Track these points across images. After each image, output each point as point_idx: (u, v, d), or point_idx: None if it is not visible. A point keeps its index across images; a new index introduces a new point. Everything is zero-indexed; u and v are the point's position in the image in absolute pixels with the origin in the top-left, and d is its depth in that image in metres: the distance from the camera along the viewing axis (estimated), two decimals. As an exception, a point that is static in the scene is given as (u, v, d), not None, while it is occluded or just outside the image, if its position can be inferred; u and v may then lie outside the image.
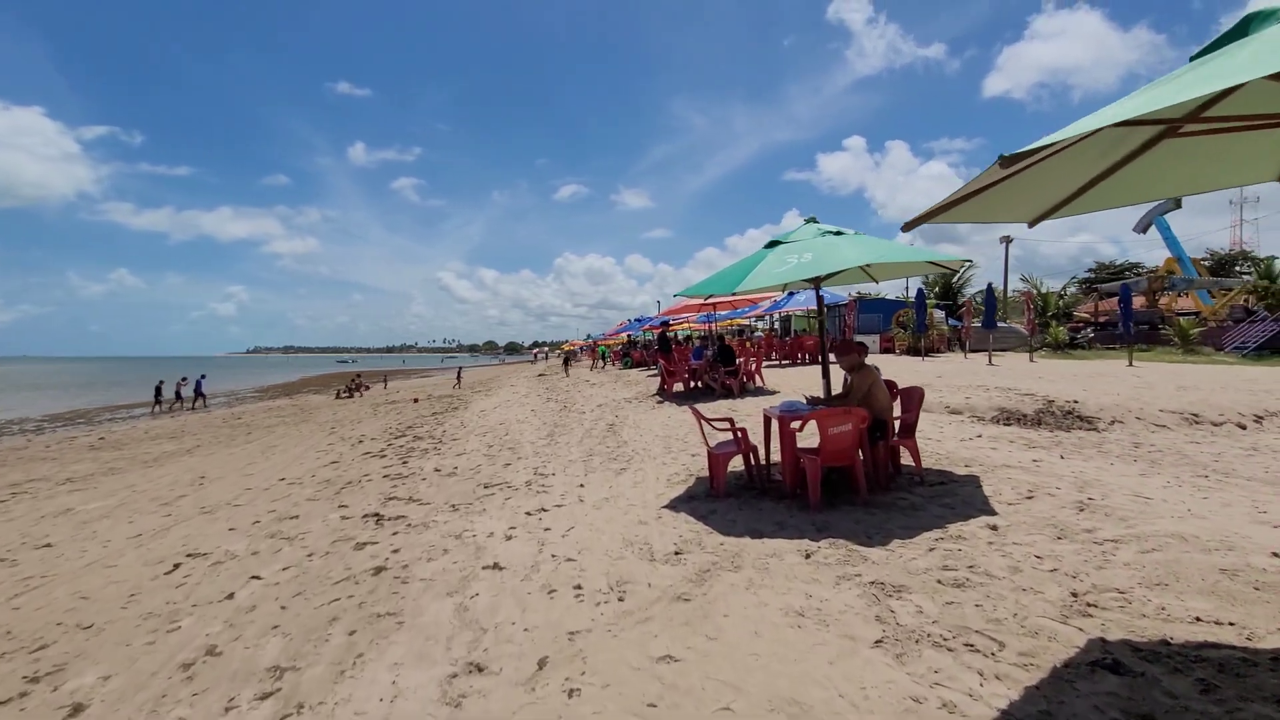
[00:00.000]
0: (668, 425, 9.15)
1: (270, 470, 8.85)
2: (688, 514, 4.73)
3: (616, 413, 11.13)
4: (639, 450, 7.56)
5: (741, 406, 10.22)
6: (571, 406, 13.11)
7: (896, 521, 4.14)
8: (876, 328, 27.37)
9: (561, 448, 8.31)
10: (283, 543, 5.02)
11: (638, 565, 3.78)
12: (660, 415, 10.25)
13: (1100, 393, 9.41)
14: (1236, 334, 21.99)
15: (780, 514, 4.50)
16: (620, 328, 38.42)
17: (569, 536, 4.49)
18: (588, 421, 10.47)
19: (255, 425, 16.83)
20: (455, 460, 8.11)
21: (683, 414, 10.07)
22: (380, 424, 14.21)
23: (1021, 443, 6.63)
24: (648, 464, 6.75)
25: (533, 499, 5.70)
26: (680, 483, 5.79)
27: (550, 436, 9.35)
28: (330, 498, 6.59)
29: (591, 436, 8.94)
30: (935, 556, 3.48)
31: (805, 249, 4.87)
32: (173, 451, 12.23)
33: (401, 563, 4.25)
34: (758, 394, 11.48)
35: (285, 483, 7.71)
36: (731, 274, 5.16)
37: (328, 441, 11.58)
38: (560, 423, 10.74)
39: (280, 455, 10.34)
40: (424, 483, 6.90)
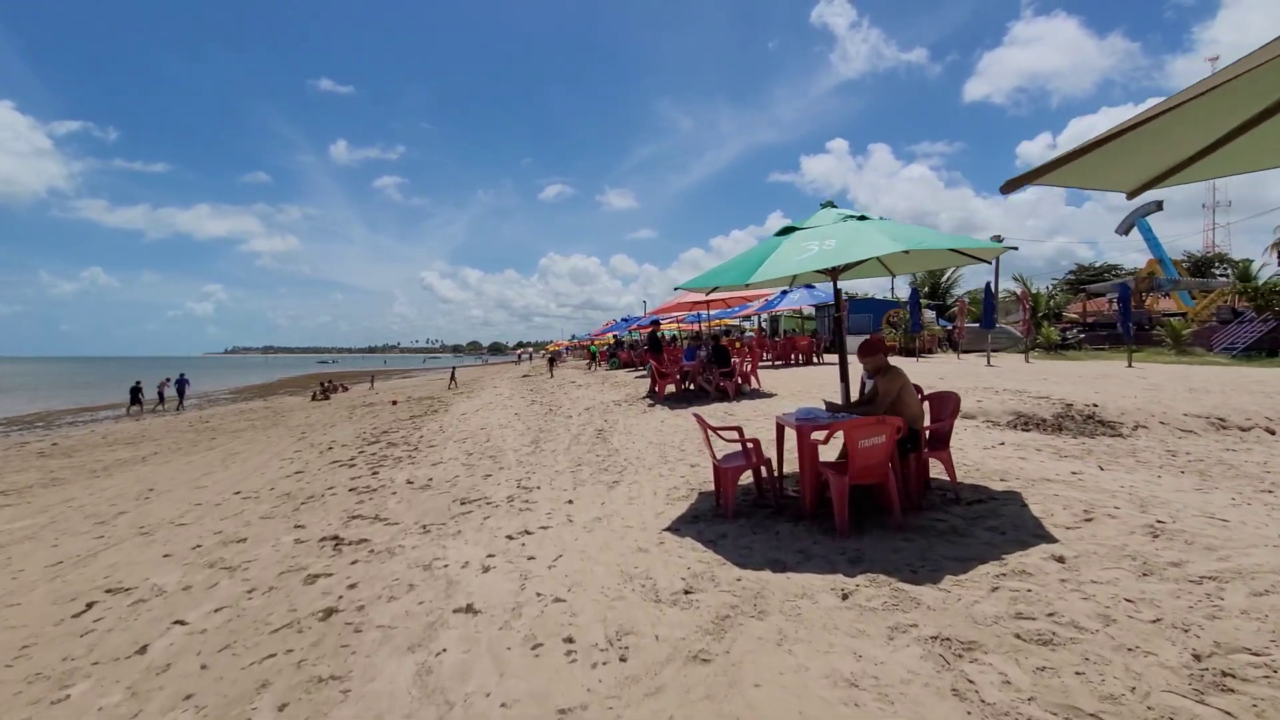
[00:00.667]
0: (661, 431, 8.51)
1: (227, 481, 8.07)
2: (694, 539, 4.10)
3: (605, 417, 10.47)
4: (632, 459, 6.92)
5: (739, 411, 9.62)
6: (557, 410, 12.43)
7: (941, 550, 3.54)
8: (866, 328, 26.97)
9: (547, 456, 7.64)
10: (222, 574, 4.30)
11: (641, 608, 3.14)
12: (652, 420, 9.62)
13: (1114, 395, 8.94)
14: (1225, 335, 21.92)
15: (802, 539, 3.89)
16: (607, 327, 37.76)
17: (557, 567, 3.84)
18: (575, 426, 9.81)
19: (222, 430, 15.92)
20: (430, 470, 7.40)
21: (677, 419, 9.45)
22: (354, 429, 13.41)
23: (1050, 451, 6.10)
24: (643, 476, 6.12)
25: (515, 518, 5.03)
26: (681, 499, 5.16)
27: (535, 443, 8.67)
28: (287, 515, 5.86)
29: (579, 443, 8.29)
30: (1001, 599, 2.88)
31: (827, 235, 4.26)
32: (126, 460, 11.36)
33: (357, 602, 3.56)
34: (754, 397, 10.89)
35: (240, 497, 6.96)
36: (744, 264, 4.54)
37: (295, 449, 10.79)
38: (545, 428, 10.06)
39: (241, 464, 9.55)
40: (393, 497, 6.20)
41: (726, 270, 4.73)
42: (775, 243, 4.59)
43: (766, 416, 8.85)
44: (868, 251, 3.95)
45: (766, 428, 7.94)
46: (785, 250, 4.33)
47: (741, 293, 11.70)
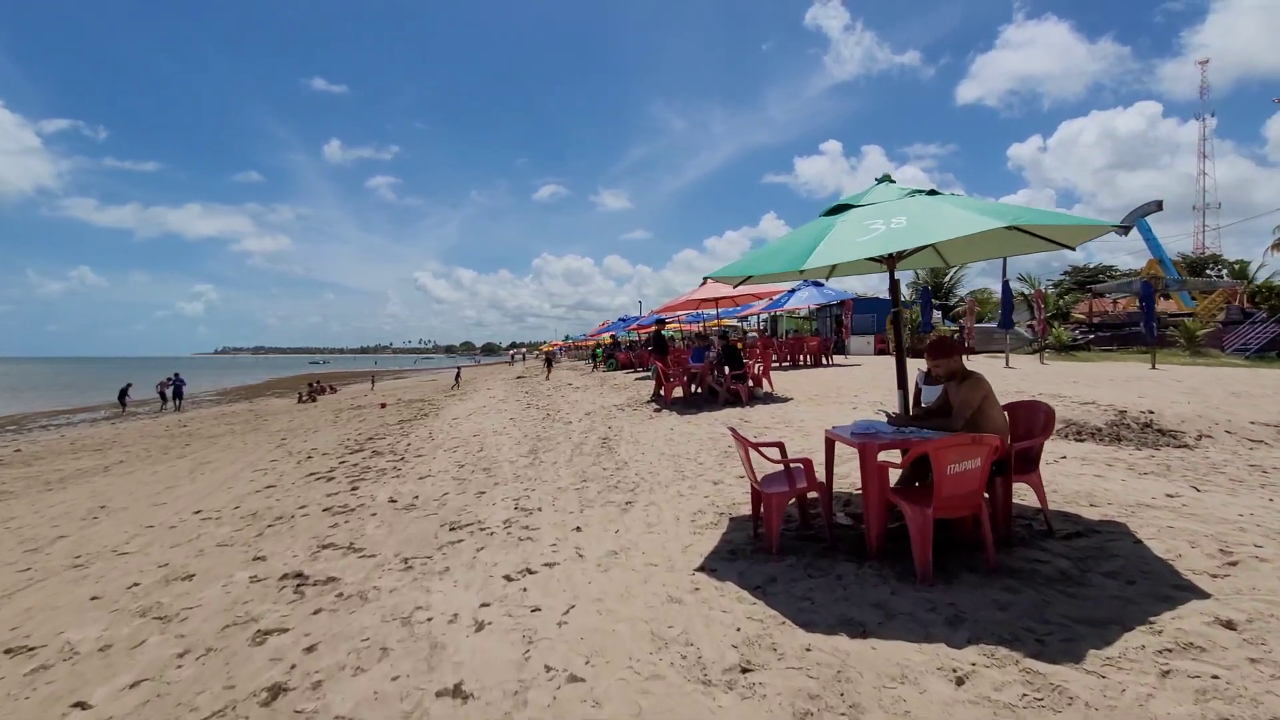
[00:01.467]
0: (673, 440, 7.74)
1: (190, 497, 7.24)
2: (736, 583, 3.33)
3: (609, 423, 9.69)
4: (645, 474, 6.14)
5: (754, 417, 8.86)
6: (555, 415, 11.63)
7: (1061, 606, 2.78)
8: (870, 328, 26.30)
9: (547, 469, 6.85)
10: (154, 627, 3.49)
11: (686, 695, 2.36)
12: (660, 427, 8.84)
13: (1161, 401, 8.24)
14: (1236, 336, 21.41)
15: (873, 586, 3.12)
16: (603, 327, 36.96)
17: (569, 624, 3.05)
18: (576, 434, 9.02)
19: (198, 435, 15.03)
20: (416, 486, 6.60)
21: (688, 426, 8.68)
22: (338, 435, 12.57)
23: (1123, 466, 5.36)
24: (659, 495, 5.34)
25: (514, 550, 4.24)
26: (710, 526, 4.38)
27: (533, 454, 7.88)
28: (248, 543, 5.05)
29: (583, 454, 7.50)
30: (1183, 691, 2.12)
31: (894, 212, 3.50)
32: (88, 469, 10.48)
33: (314, 675, 2.77)
34: (768, 401, 10.13)
35: (199, 517, 6.13)
36: (792, 248, 3.77)
37: (271, 457, 9.95)
38: (544, 435, 9.26)
39: (210, 476, 8.70)
40: (373, 520, 5.40)
41: (770, 256, 3.95)
42: (827, 223, 3.83)
43: (787, 424, 8.10)
44: (954, 230, 3.19)
45: (790, 437, 7.19)
46: (843, 231, 3.57)
47: (755, 289, 10.94)
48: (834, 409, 8.97)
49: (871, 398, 9.65)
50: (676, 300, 11.47)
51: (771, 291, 11.51)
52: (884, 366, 16.43)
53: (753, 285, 7.32)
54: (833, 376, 13.68)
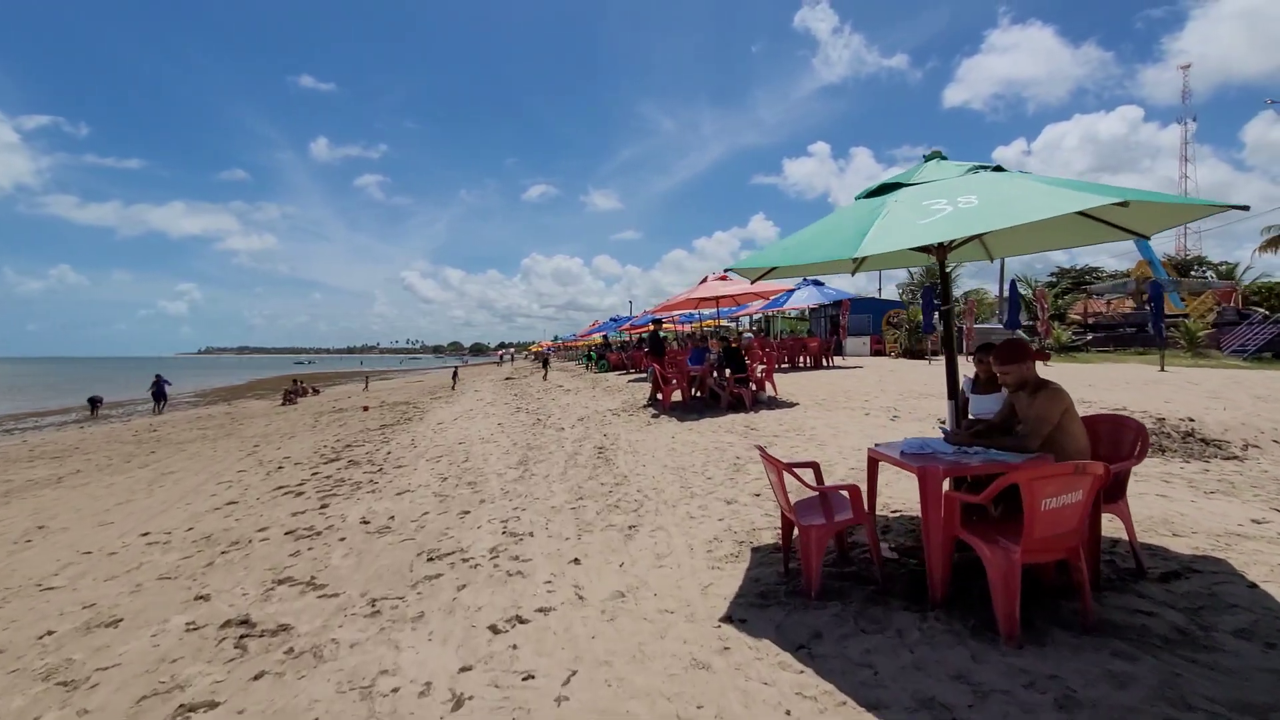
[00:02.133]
0: (675, 451, 7.13)
1: (142, 514, 6.52)
2: (774, 640, 2.72)
3: (604, 430, 9.06)
4: (647, 491, 5.52)
5: (761, 424, 8.27)
6: (547, 420, 10.98)
7: (1197, 682, 2.19)
8: (866, 329, 25.87)
9: (539, 484, 6.21)
10: (55, 697, 2.82)
11: (732, 822, 1.75)
12: (660, 435, 8.22)
13: (1192, 406, 7.76)
14: (1234, 337, 21.22)
15: (946, 646, 2.53)
16: (594, 328, 36.31)
17: (570, 700, 2.43)
18: (569, 442, 8.38)
19: (168, 441, 14.20)
20: (393, 504, 5.94)
21: (690, 434, 8.07)
22: (315, 441, 11.84)
23: (1182, 483, 4.82)
24: (666, 517, 4.72)
25: (501, 590, 3.60)
26: (729, 558, 3.78)
27: (523, 465, 7.23)
28: (193, 576, 4.37)
29: (577, 466, 6.86)
30: None
31: (959, 190, 2.92)
32: (40, 480, 9.68)
33: (240, 779, 2.13)
34: (773, 406, 9.55)
35: (146, 540, 5.44)
36: (836, 234, 3.17)
37: (240, 467, 9.22)
38: (535, 444, 8.62)
39: (170, 488, 7.97)
40: (341, 546, 4.74)
41: (810, 244, 3.33)
42: (873, 205, 3.24)
43: (797, 432, 7.52)
44: (1043, 209, 2.60)
45: (803, 447, 6.61)
46: (898, 213, 2.97)
47: (761, 287, 10.38)
48: (845, 415, 8.41)
49: (883, 402, 9.10)
50: (675, 299, 10.86)
51: (771, 291, 10.94)
52: (889, 369, 15.93)
53: (764, 283, 6.74)
54: (836, 379, 13.15)
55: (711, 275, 10.55)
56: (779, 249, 3.64)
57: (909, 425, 7.51)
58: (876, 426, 7.49)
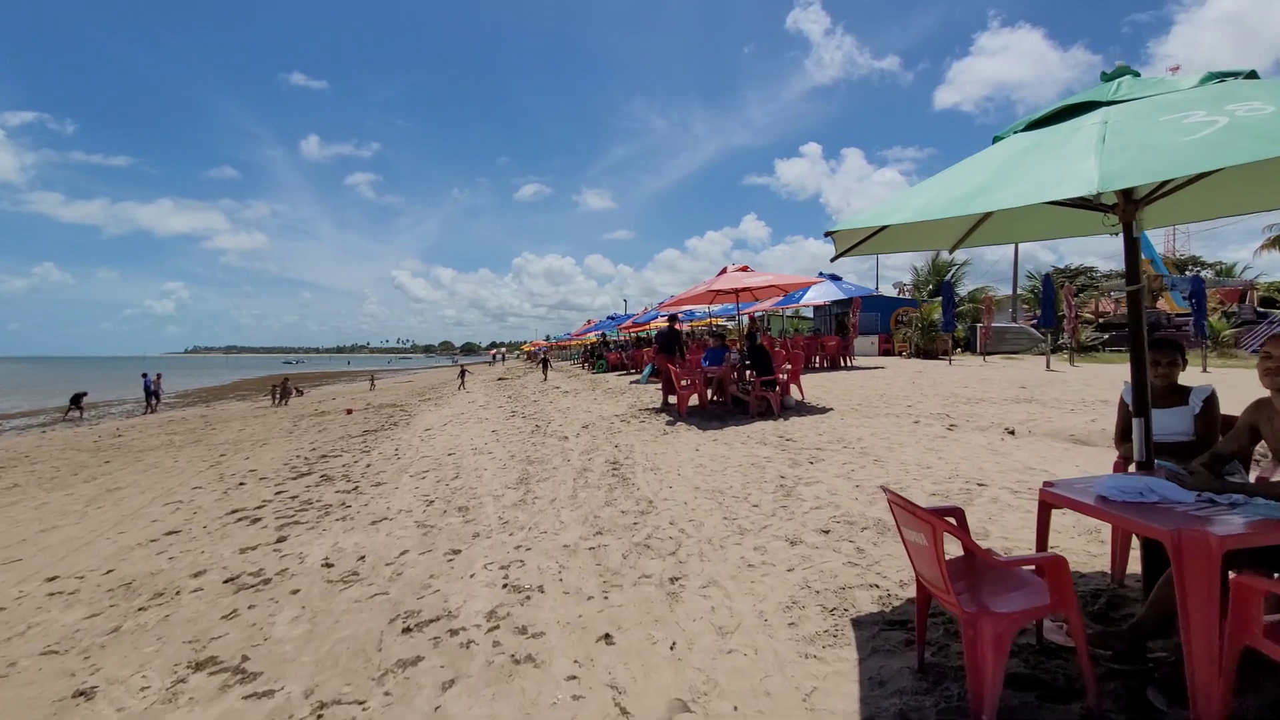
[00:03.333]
0: (703, 467, 6.05)
1: (60, 548, 5.37)
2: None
3: (614, 440, 7.96)
4: (681, 521, 4.44)
5: (796, 433, 7.20)
6: (546, 427, 9.87)
7: None
8: (874, 328, 24.91)
9: (545, 510, 5.11)
10: None
11: None
12: (681, 448, 7.14)
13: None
14: (1254, 336, 20.52)
15: None
16: (588, 326, 35.19)
17: None
18: (576, 455, 7.28)
19: (128, 449, 12.97)
20: (366, 537, 4.82)
21: (715, 445, 6.99)
22: (289, 449, 10.68)
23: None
24: (716, 563, 3.64)
25: (503, 695, 2.50)
26: (824, 636, 2.70)
27: (523, 484, 6.13)
28: (87, 652, 3.25)
29: (589, 486, 5.77)
30: None
31: (1221, 100, 1.86)
32: (-33, 497, 8.47)
33: None
34: (802, 412, 8.49)
35: (49, 589, 4.29)
36: (1015, 173, 2.07)
37: (196, 483, 8.05)
38: (535, 456, 7.50)
39: (107, 511, 6.79)
40: (291, 602, 3.63)
41: (985, 187, 2.20)
42: (1062, 133, 2.17)
43: (843, 443, 6.45)
44: None
45: (860, 465, 5.54)
46: (1135, 132, 1.91)
47: (785, 280, 9.31)
48: (890, 423, 7.36)
49: (929, 408, 8.06)
50: (691, 291, 9.77)
51: (793, 284, 9.87)
52: (914, 369, 14.90)
53: (790, 276, 5.64)
54: (861, 381, 12.11)
55: (731, 266, 9.49)
56: (933, 196, 2.48)
57: (970, 435, 6.48)
58: (935, 438, 6.45)
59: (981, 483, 4.73)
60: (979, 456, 5.56)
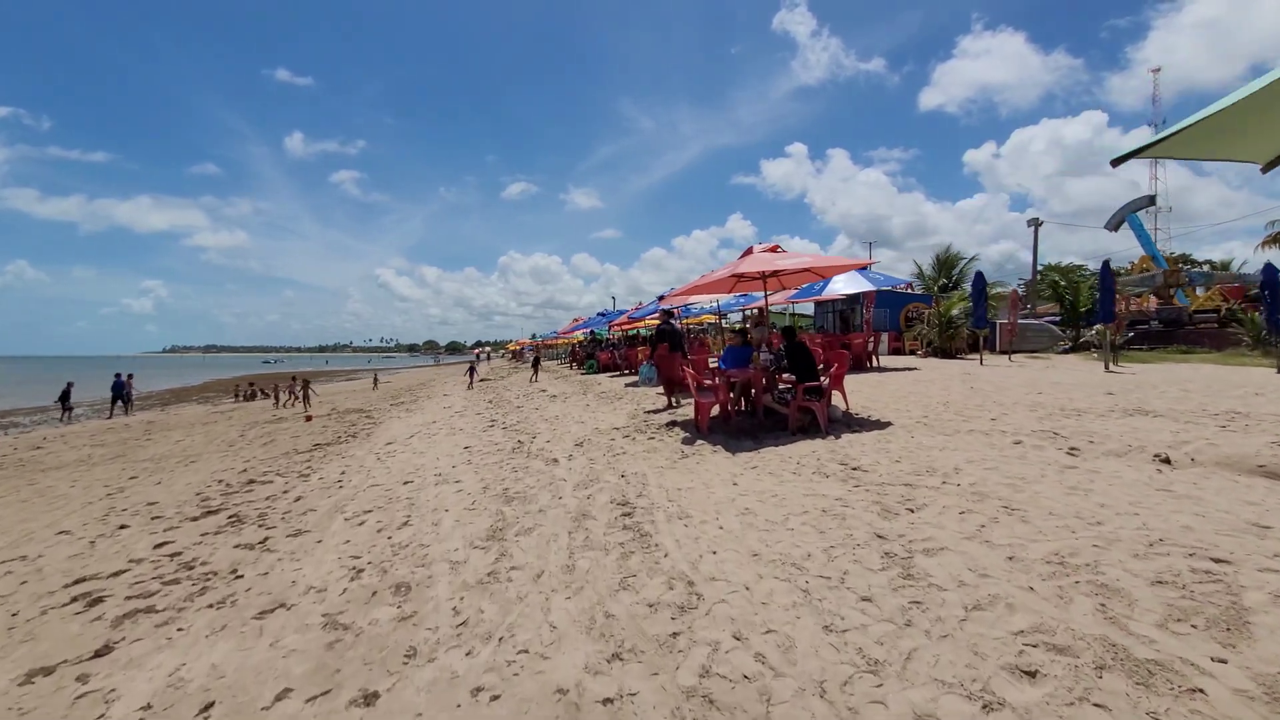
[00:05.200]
0: (751, 515, 4.25)
1: None
2: None
3: (617, 465, 6.14)
4: (756, 638, 2.65)
5: (861, 457, 5.42)
6: (531, 444, 8.03)
7: None
8: (883, 325, 23.27)
9: (527, 595, 3.29)
10: None
11: None
12: (712, 479, 5.34)
13: None
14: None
15: None
16: (576, 324, 33.28)
17: None
18: (569, 490, 5.45)
19: (34, 464, 10.91)
20: (232, 652, 2.98)
21: (758, 477, 5.19)
22: (217, 468, 8.77)
23: None
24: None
25: None
26: None
27: (496, 537, 4.31)
28: None
29: (592, 549, 3.94)
30: None
31: None
32: None
33: None
34: (852, 426, 6.73)
35: None
36: None
37: (70, 523, 6.12)
38: (516, 489, 5.67)
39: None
40: None
41: None
42: None
43: (938, 476, 4.69)
44: None
45: (976, 513, 3.79)
46: None
47: (822, 262, 7.54)
48: (982, 443, 5.62)
49: (1022, 422, 6.32)
50: (709, 277, 7.94)
51: (834, 267, 7.97)
52: (956, 371, 13.17)
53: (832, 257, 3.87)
54: (901, 384, 10.37)
55: (758, 245, 7.71)
56: None
57: (1107, 463, 4.75)
58: (1062, 468, 4.70)
59: (1219, 559, 2.99)
60: (1155, 503, 3.83)
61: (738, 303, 19.30)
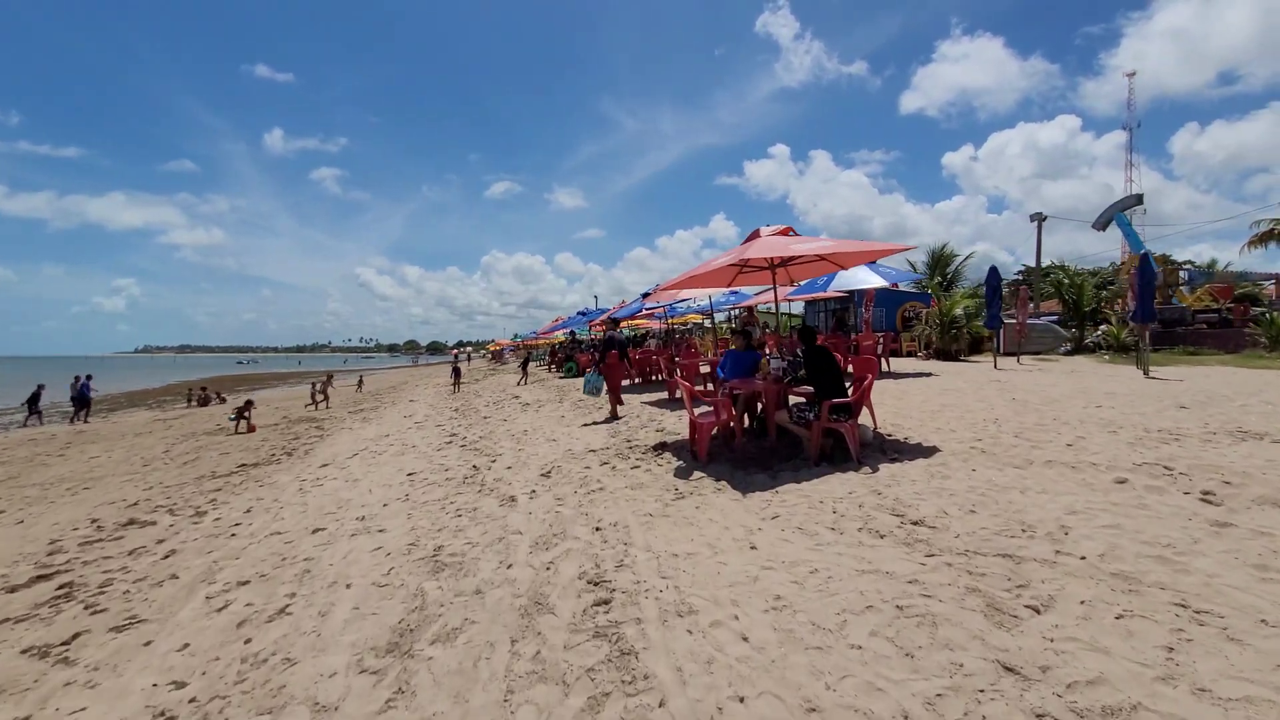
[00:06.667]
0: (789, 614, 2.81)
1: None
2: None
3: (593, 509, 4.67)
4: None
5: (925, 507, 4.01)
6: (489, 470, 6.52)
7: None
8: (880, 324, 22.06)
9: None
10: None
11: None
12: (721, 536, 3.89)
13: None
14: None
15: None
16: (557, 324, 31.71)
17: None
18: (523, 554, 3.96)
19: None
20: None
21: (781, 536, 3.75)
22: (104, 499, 7.17)
23: None
24: None
25: None
26: None
27: (399, 650, 2.84)
28: None
29: (544, 676, 2.48)
30: None
31: None
32: None
33: None
34: (887, 451, 5.34)
35: None
36: None
37: None
38: (452, 547, 4.17)
39: None
40: None
41: None
42: None
43: (1051, 545, 3.27)
44: None
45: (1195, 653, 2.37)
46: None
47: (845, 248, 6.12)
48: (1071, 480, 4.25)
49: (1104, 449, 4.96)
50: (708, 266, 6.46)
51: (863, 253, 6.53)
52: (983, 377, 11.81)
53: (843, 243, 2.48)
54: (925, 395, 9.01)
55: (766, 228, 6.30)
56: None
57: (1269, 517, 3.41)
58: (1211, 527, 3.34)
59: None
60: None
61: (728, 300, 17.89)
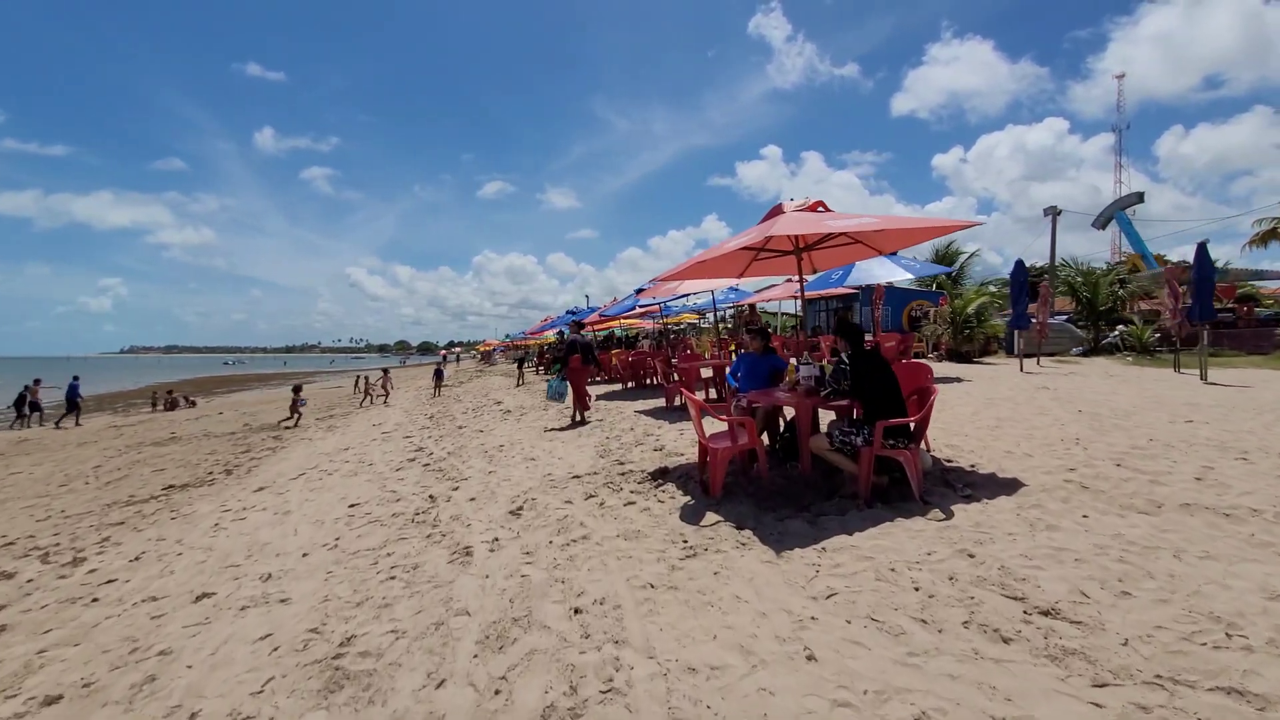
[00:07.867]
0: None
1: None
2: None
3: (569, 564, 3.44)
4: None
5: (1047, 581, 2.80)
6: (447, 501, 5.26)
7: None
8: (886, 324, 20.95)
9: None
10: None
11: None
12: (753, 628, 2.66)
13: None
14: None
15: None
16: (546, 323, 30.42)
17: None
18: (463, 655, 2.70)
19: None
20: None
21: (844, 633, 2.53)
22: None
23: None
24: None
25: None
26: None
27: None
28: None
29: None
30: None
31: None
32: None
33: None
34: (955, 487, 4.15)
35: None
36: None
37: None
38: (365, 643, 2.91)
39: None
40: None
41: None
42: None
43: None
44: None
45: None
46: None
47: (877, 224, 4.89)
48: (1234, 535, 3.06)
49: (1237, 480, 3.78)
50: (721, 249, 5.15)
51: (907, 230, 5.26)
52: (1028, 384, 10.63)
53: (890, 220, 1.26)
54: (966, 404, 7.80)
55: (790, 203, 5.07)
56: None
57: None
58: None
59: None
60: None
61: (727, 299, 16.65)
